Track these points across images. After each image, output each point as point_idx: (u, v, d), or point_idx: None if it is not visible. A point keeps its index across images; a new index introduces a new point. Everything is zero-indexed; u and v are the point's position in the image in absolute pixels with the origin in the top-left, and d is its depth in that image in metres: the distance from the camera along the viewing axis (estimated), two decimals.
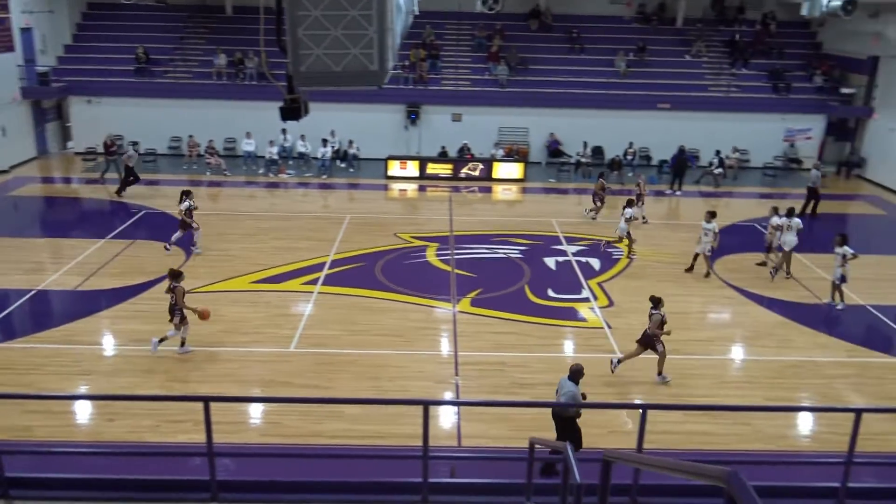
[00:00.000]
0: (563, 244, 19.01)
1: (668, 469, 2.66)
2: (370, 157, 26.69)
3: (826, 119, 27.84)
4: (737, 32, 29.73)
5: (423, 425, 5.55)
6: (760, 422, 10.98)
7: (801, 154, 27.76)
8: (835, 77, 28.19)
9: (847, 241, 15.17)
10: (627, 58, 28.26)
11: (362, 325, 14.03)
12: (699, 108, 27.13)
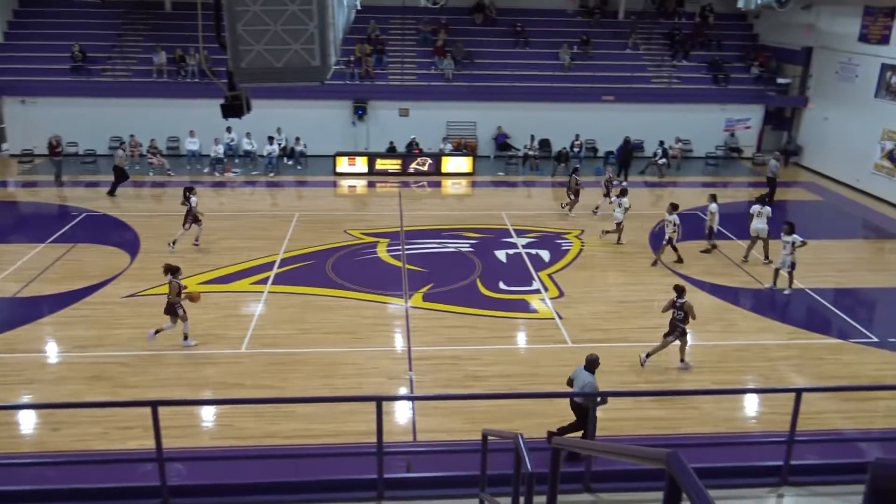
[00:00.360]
0: (513, 237, 19.15)
1: (612, 454, 2.72)
2: (318, 153, 26.45)
3: (764, 109, 28.62)
4: (676, 25, 30.33)
5: (376, 421, 5.54)
6: (708, 405, 11.26)
7: (741, 143, 28.50)
8: (771, 68, 29.00)
9: (794, 229, 15.57)
10: (571, 51, 28.57)
11: (314, 324, 13.92)
12: (642, 99, 27.62)
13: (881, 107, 23.28)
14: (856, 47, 24.62)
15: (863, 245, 19.97)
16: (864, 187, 24.06)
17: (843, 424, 10.89)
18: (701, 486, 1.62)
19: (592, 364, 9.79)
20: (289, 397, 10.05)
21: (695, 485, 1.63)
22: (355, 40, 27.46)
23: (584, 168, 26.26)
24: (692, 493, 1.62)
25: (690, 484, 1.65)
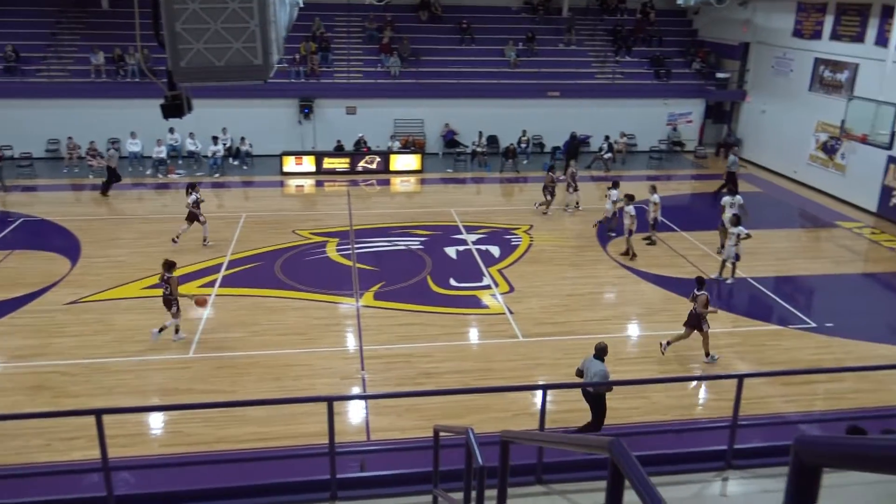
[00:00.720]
0: (463, 233, 19.22)
1: (557, 444, 2.76)
2: (264, 153, 26.11)
3: (704, 103, 29.30)
4: (619, 21, 30.82)
5: (328, 422, 5.51)
6: (657, 394, 11.50)
7: (684, 137, 29.12)
8: (711, 63, 29.71)
9: (740, 221, 15.97)
10: (517, 48, 28.79)
11: (264, 326, 13.75)
12: (587, 95, 27.98)
13: (815, 100, 24.06)
14: (790, 42, 25.40)
15: (800, 234, 20.63)
16: (800, 178, 24.85)
17: (784, 408, 11.26)
18: (642, 471, 1.67)
19: (602, 352, 9.98)
20: (238, 401, 9.91)
21: (636, 471, 1.67)
22: (300, 38, 27.18)
23: (531, 163, 26.60)
24: (634, 479, 1.66)
25: (632, 470, 1.69)
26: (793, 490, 1.40)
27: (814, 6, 24.13)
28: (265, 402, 8.34)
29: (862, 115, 18.23)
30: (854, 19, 22.31)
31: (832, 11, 23.23)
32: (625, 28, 30.55)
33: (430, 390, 10.40)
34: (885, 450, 1.26)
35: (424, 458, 6.08)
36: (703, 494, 5.67)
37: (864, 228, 20.48)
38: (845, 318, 14.50)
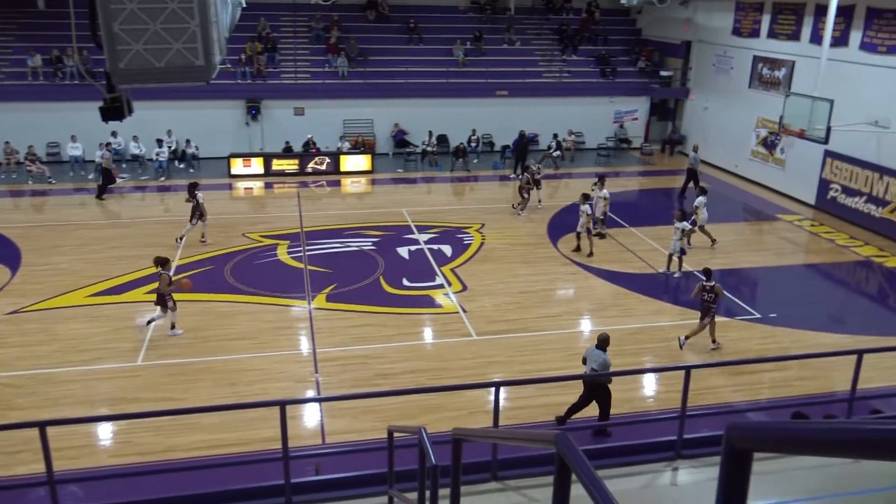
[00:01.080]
0: (414, 233, 19.21)
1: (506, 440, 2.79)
2: (211, 155, 25.68)
3: (649, 100, 29.85)
4: (564, 21, 31.18)
5: (281, 426, 5.45)
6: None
7: (630, 134, 29.62)
8: (655, 61, 30.28)
9: (686, 216, 16.31)
10: (465, 47, 28.89)
11: (215, 331, 13.53)
12: (535, 94, 28.25)
13: (755, 96, 24.72)
14: (730, 40, 26.04)
15: (744, 227, 21.17)
16: (742, 172, 25.50)
17: (732, 397, 11.55)
18: (588, 464, 1.69)
19: (604, 342, 10.23)
20: (188, 408, 9.72)
21: (583, 464, 1.70)
22: (245, 38, 26.80)
23: (481, 163, 26.73)
24: (580, 472, 1.69)
25: (578, 463, 1.71)
26: (726, 474, 1.44)
27: (751, 5, 24.79)
28: (216, 409, 8.20)
29: (799, 110, 18.76)
30: (790, 18, 22.99)
31: (769, 10, 23.90)
32: (570, 27, 30.92)
33: (384, 391, 10.38)
34: (810, 433, 1.31)
35: (380, 459, 6.06)
36: (653, 484, 5.78)
37: (803, 221, 21.12)
38: (788, 309, 14.94)
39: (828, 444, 1.24)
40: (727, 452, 1.43)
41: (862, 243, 19.11)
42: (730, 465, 1.43)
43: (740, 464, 1.42)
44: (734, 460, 1.42)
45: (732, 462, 1.43)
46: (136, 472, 8.51)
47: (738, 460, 1.42)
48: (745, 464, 1.42)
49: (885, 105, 19.09)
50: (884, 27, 19.29)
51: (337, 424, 10.61)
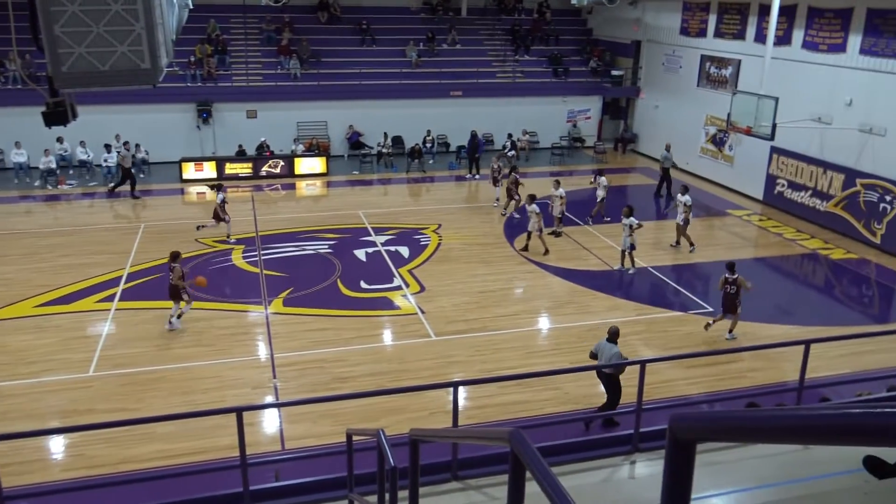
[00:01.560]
0: (371, 235, 19.13)
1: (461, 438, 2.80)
2: (162, 160, 25.19)
3: (602, 100, 30.24)
4: (517, 21, 31.40)
5: (238, 433, 5.37)
6: (568, 385, 11.77)
7: (583, 133, 29.96)
8: (606, 61, 30.68)
9: (633, 212, 16.53)
10: (418, 48, 28.88)
11: (169, 339, 13.29)
12: (489, 94, 28.40)
13: (703, 95, 25.23)
14: (678, 40, 26.53)
15: (695, 223, 21.50)
16: (692, 169, 25.98)
17: (688, 390, 11.76)
18: (542, 461, 1.70)
19: (615, 335, 10.32)
20: (141, 418, 9.52)
21: (536, 460, 1.71)
22: (194, 40, 26.36)
23: (437, 163, 26.75)
24: (534, 469, 1.70)
25: (532, 460, 1.73)
26: (670, 463, 1.47)
27: (698, 5, 25.30)
28: (171, 418, 8.05)
29: (746, 108, 19.20)
30: (735, 18, 23.53)
31: (715, 10, 24.42)
32: (522, 28, 31.15)
33: (343, 394, 10.31)
34: (749, 421, 1.35)
35: (340, 463, 6.02)
36: (612, 478, 5.86)
37: (752, 216, 21.63)
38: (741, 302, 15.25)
39: (764, 431, 1.27)
40: (671, 443, 1.45)
41: (808, 236, 19.65)
42: (674, 455, 1.46)
43: (684, 454, 1.45)
44: (678, 450, 1.45)
45: (676, 452, 1.45)
46: (90, 486, 8.31)
47: (681, 450, 1.45)
48: (689, 453, 1.45)
49: (826, 102, 19.68)
50: (824, 26, 19.87)
51: (296, 430, 10.51)
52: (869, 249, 18.53)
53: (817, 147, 20.36)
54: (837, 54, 19.44)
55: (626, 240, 16.48)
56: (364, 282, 16.05)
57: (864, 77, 18.64)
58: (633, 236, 16.42)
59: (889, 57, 17.92)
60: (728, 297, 13.35)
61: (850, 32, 19.00)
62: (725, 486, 4.75)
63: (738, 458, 5.34)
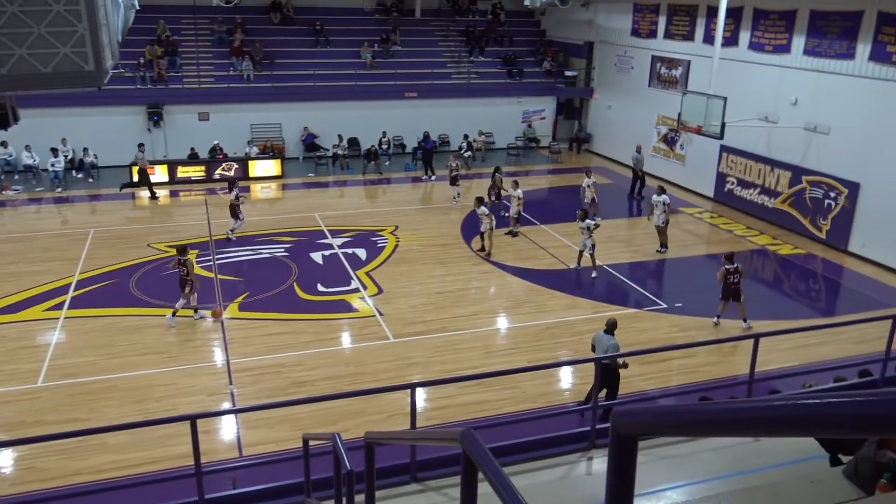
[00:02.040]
0: (328, 238, 19.00)
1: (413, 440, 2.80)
2: (111, 164, 24.64)
3: (556, 100, 30.53)
4: (471, 22, 31.52)
5: (192, 441, 5.28)
6: (526, 383, 11.86)
7: (538, 133, 30.21)
8: (559, 61, 31.00)
9: (588, 214, 16.67)
10: (372, 49, 28.79)
11: (121, 347, 13.00)
12: (444, 95, 28.44)
13: (655, 95, 25.66)
14: (630, 41, 26.94)
15: (646, 221, 21.90)
16: (645, 168, 26.36)
17: (643, 385, 11.94)
18: (493, 461, 1.71)
19: (613, 327, 10.62)
20: (93, 428, 9.30)
21: (488, 460, 1.72)
22: (143, 42, 25.85)
23: (393, 165, 26.69)
24: (485, 468, 1.71)
25: (484, 460, 1.74)
26: (613, 458, 1.50)
27: (648, 7, 25.72)
28: (123, 427, 7.86)
29: (696, 108, 19.59)
30: (684, 19, 23.99)
31: (664, 12, 24.85)
32: (477, 29, 31.27)
33: (299, 399, 10.18)
34: (687, 415, 1.38)
35: (298, 468, 5.96)
36: (570, 475, 5.92)
37: (703, 213, 22.06)
38: (693, 298, 15.57)
39: (702, 424, 1.30)
40: (613, 438, 1.48)
41: (757, 233, 20.13)
42: (617, 449, 1.48)
43: (626, 448, 1.47)
44: (620, 445, 1.47)
45: (619, 447, 1.48)
46: (41, 499, 8.09)
47: (624, 445, 1.47)
48: (631, 448, 1.48)
49: (773, 101, 20.19)
50: (769, 28, 20.38)
51: (253, 436, 10.38)
52: (815, 244, 19.07)
53: (765, 145, 20.87)
54: (782, 55, 19.96)
55: (587, 241, 16.47)
56: (321, 285, 15.93)
57: (808, 77, 19.18)
58: (592, 237, 16.45)
59: (831, 57, 18.47)
60: (731, 287, 13.84)
61: (794, 34, 19.53)
62: (679, 480, 4.83)
63: (692, 451, 5.44)
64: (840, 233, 18.54)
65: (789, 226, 20.07)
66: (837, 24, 18.24)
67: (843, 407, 0.94)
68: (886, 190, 17.17)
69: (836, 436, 1.02)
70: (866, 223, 17.85)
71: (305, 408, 10.75)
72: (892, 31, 16.79)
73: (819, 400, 0.98)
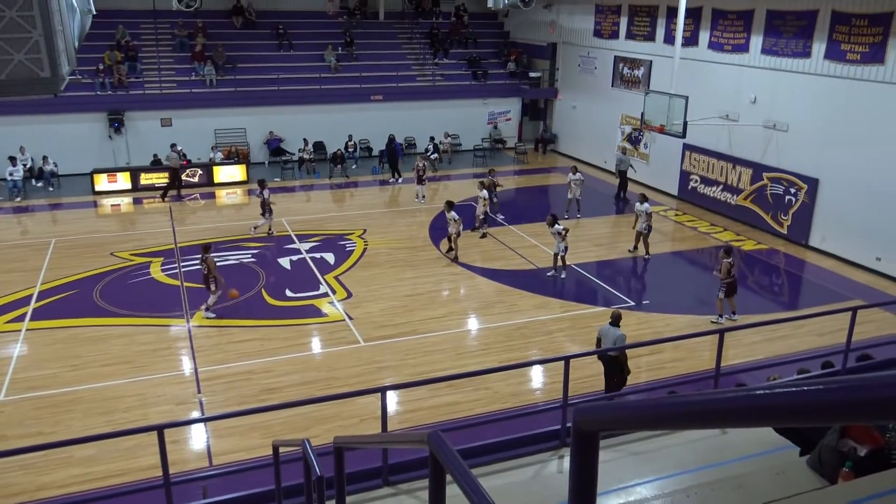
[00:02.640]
0: (296, 242, 18.87)
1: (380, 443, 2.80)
2: (72, 172, 24.22)
3: (521, 101, 30.71)
4: (435, 25, 31.56)
5: (160, 452, 5.21)
6: (497, 383, 11.89)
7: (504, 135, 30.35)
8: (524, 63, 31.18)
9: (557, 219, 16.51)
10: (336, 52, 28.67)
11: (86, 358, 12.77)
12: (410, 97, 28.44)
13: (618, 95, 25.94)
14: (592, 42, 27.20)
15: (614, 220, 22.16)
16: (611, 167, 26.63)
17: None
18: (461, 462, 1.72)
19: (618, 319, 11.02)
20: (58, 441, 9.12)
21: (455, 462, 1.72)
22: (103, 47, 25.44)
23: (360, 168, 26.61)
24: (453, 470, 1.71)
25: (451, 461, 1.74)
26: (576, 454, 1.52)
27: (610, 8, 26.00)
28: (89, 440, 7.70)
29: (658, 107, 19.86)
30: (645, 20, 24.29)
31: (626, 13, 25.14)
32: (440, 31, 31.32)
33: (268, 405, 10.10)
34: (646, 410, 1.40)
35: (269, 476, 5.91)
36: (541, 474, 5.95)
37: (668, 211, 22.35)
38: (660, 295, 15.77)
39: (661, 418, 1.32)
40: (575, 435, 1.50)
41: (721, 229, 20.45)
42: (579, 445, 1.50)
43: (588, 444, 1.49)
44: (582, 442, 1.50)
45: (580, 443, 1.50)
46: None
47: (585, 441, 1.49)
48: (593, 444, 1.50)
49: (733, 100, 20.54)
50: (728, 27, 20.74)
51: (224, 444, 10.27)
52: (777, 240, 19.43)
53: (726, 143, 21.21)
54: (741, 54, 20.31)
55: (560, 245, 16.37)
56: (290, 290, 15.82)
57: (766, 75, 19.54)
58: (566, 240, 16.32)
59: (788, 56, 18.84)
60: (735, 282, 14.24)
61: (752, 33, 19.89)
62: (648, 475, 4.89)
63: (661, 446, 5.51)
64: (800, 228, 18.93)
65: (752, 222, 20.42)
66: (793, 23, 18.62)
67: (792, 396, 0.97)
68: (844, 185, 17.57)
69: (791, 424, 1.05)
70: (825, 218, 18.25)
71: (276, 414, 10.66)
72: (845, 30, 17.19)
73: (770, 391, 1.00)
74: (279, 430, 10.22)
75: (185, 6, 22.03)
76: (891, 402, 0.88)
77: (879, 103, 16.53)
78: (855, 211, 17.34)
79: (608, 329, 11.02)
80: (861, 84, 16.91)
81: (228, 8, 28.92)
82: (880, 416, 0.93)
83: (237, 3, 28.90)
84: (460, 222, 17.55)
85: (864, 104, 16.90)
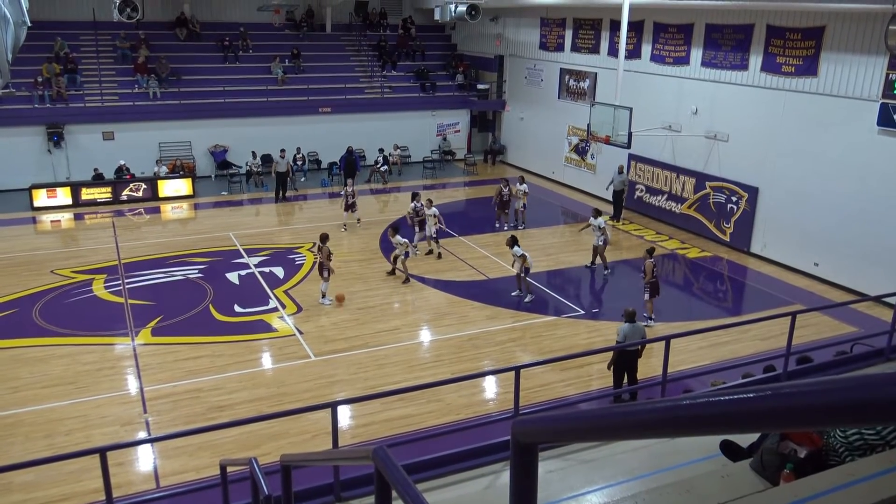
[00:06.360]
0: (244, 257, 18.61)
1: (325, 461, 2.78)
2: (8, 188, 23.47)
3: (469, 113, 30.92)
4: (383, 37, 31.60)
5: (103, 475, 5.06)
6: (450, 395, 11.89)
7: (454, 146, 30.50)
8: (472, 75, 31.43)
9: (517, 241, 16.32)
10: (283, 64, 28.46)
11: (25, 380, 12.35)
12: (358, 109, 28.39)
13: (564, 106, 26.34)
14: (538, 55, 27.59)
15: (563, 230, 22.44)
16: (558, 178, 27.05)
17: (565, 391, 12.18)
18: (406, 477, 1.72)
19: (633, 315, 11.37)
20: None
21: (400, 477, 1.73)
22: (40, 59, 24.75)
23: (309, 181, 26.40)
24: (398, 485, 1.72)
25: (396, 476, 1.74)
26: (514, 467, 1.54)
27: (555, 21, 26.42)
28: (28, 465, 7.44)
29: (604, 118, 20.21)
30: (589, 33, 24.75)
31: (570, 26, 25.58)
32: (388, 43, 31.36)
33: (215, 424, 9.90)
34: (582, 422, 1.43)
35: (217, 496, 5.80)
36: (494, 485, 5.97)
37: (615, 220, 22.71)
38: (609, 303, 16.01)
39: (597, 430, 1.35)
40: (514, 448, 1.52)
41: (667, 237, 20.89)
42: (517, 458, 1.52)
43: (526, 457, 1.52)
44: (520, 454, 1.51)
45: (519, 456, 1.52)
46: None
47: (523, 454, 1.51)
48: (531, 456, 1.52)
49: (675, 111, 21.05)
50: (669, 41, 21.27)
51: (172, 465, 10.03)
52: (720, 247, 19.93)
53: (670, 153, 21.71)
54: (682, 66, 20.85)
55: (522, 266, 16.18)
56: (238, 305, 15.58)
57: (706, 87, 20.09)
58: (528, 261, 16.17)
59: (727, 69, 19.41)
60: (657, 282, 14.64)
61: (693, 46, 20.45)
62: (598, 482, 4.95)
63: (610, 453, 5.59)
64: (742, 235, 19.46)
65: (696, 230, 20.91)
66: (731, 36, 19.20)
67: (716, 406, 1.00)
68: (782, 193, 18.13)
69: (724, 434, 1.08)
70: (766, 225, 18.80)
71: (226, 433, 10.46)
72: (780, 44, 17.80)
73: (702, 399, 1.03)
74: (229, 449, 10.03)
75: (126, 17, 21.55)
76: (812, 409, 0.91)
77: (814, 114, 17.14)
78: (793, 218, 17.91)
79: (632, 327, 11.33)
80: (796, 95, 17.51)
81: (172, 19, 28.46)
82: (805, 424, 0.97)
83: (181, 15, 28.46)
84: (406, 245, 17.21)
85: (799, 115, 17.51)
